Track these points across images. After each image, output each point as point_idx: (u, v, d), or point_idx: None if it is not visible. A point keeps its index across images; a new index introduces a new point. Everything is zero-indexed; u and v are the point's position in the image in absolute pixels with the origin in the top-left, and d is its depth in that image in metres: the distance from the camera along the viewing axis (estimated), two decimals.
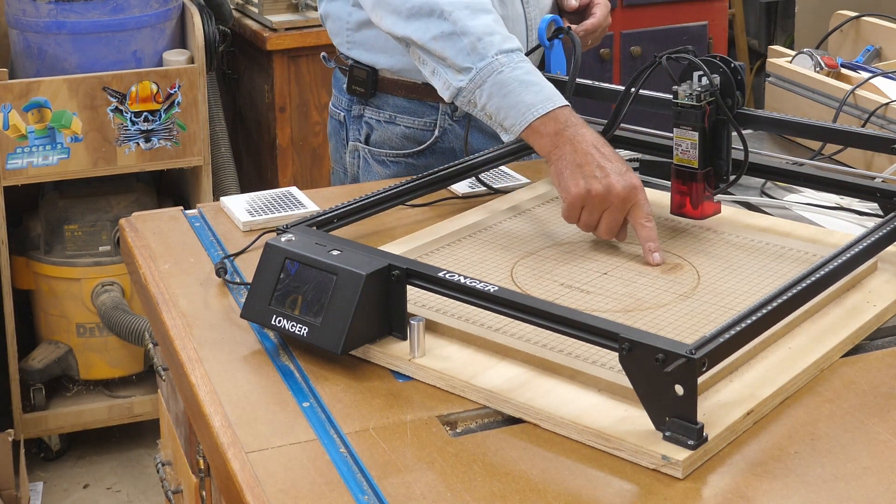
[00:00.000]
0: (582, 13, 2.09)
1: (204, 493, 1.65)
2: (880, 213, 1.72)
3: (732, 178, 1.71)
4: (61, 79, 3.17)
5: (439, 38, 1.80)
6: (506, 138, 1.76)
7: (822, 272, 1.43)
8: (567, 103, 1.74)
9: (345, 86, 2.13)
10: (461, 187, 1.94)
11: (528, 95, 1.73)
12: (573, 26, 2.04)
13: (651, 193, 1.88)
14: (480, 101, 1.76)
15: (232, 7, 3.64)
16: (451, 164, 1.87)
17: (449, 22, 1.79)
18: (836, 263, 1.45)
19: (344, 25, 2.09)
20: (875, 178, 1.79)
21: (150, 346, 1.95)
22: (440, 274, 1.42)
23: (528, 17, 2.07)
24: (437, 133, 2.08)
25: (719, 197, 1.74)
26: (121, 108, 3.22)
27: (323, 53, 2.25)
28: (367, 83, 2.08)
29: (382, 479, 1.22)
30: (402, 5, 1.84)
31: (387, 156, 2.11)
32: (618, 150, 1.98)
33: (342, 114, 2.16)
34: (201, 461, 1.62)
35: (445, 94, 1.81)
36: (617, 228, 1.66)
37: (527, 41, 2.07)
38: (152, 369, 2.16)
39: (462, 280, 1.40)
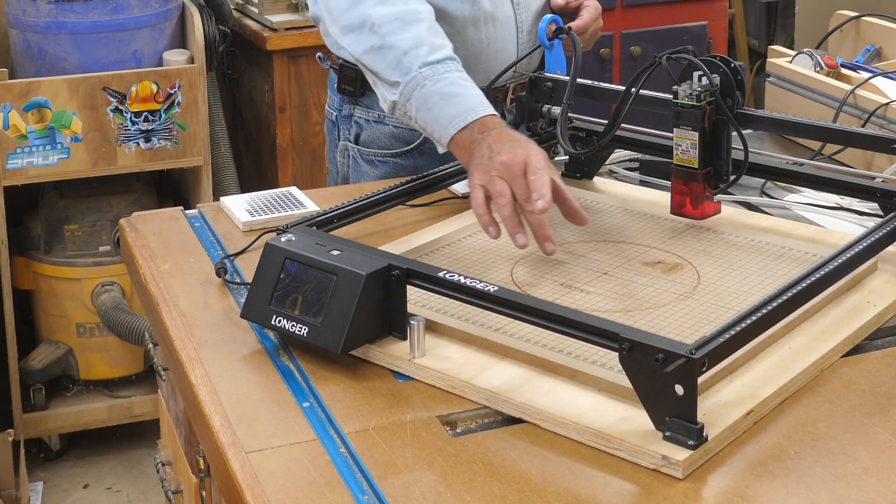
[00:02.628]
0: (573, 15, 2.09)
1: (204, 493, 1.65)
2: (880, 213, 1.72)
3: (732, 178, 1.71)
4: (61, 79, 3.17)
5: (370, 51, 1.83)
6: (440, 150, 1.78)
7: (822, 272, 1.43)
8: (491, 112, 1.72)
9: (336, 85, 2.13)
10: (461, 187, 1.94)
11: (450, 108, 1.74)
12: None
13: (651, 193, 1.89)
14: (412, 114, 1.79)
15: (232, 7, 3.64)
16: (452, 164, 1.87)
17: (378, 35, 1.82)
18: (836, 263, 1.45)
19: None
20: (875, 178, 1.79)
21: (150, 346, 1.95)
22: (440, 274, 1.42)
23: (519, 18, 2.07)
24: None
25: (719, 197, 1.74)
26: (121, 108, 3.22)
27: (319, 53, 2.25)
28: (356, 82, 2.09)
29: (382, 479, 1.22)
30: (341, 17, 1.89)
31: (375, 155, 2.11)
32: (617, 150, 1.99)
33: (334, 113, 2.17)
34: (201, 461, 1.62)
35: (384, 107, 1.84)
36: (528, 189, 1.56)
37: (517, 43, 2.07)
38: (152, 369, 2.16)
39: (462, 280, 1.40)
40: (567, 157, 1.97)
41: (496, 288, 1.38)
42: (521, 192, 1.58)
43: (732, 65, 1.67)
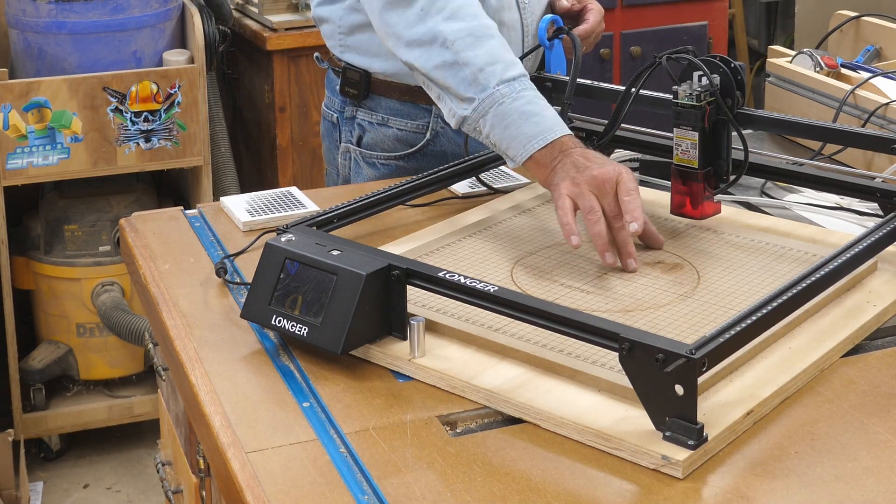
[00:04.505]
0: (576, 18, 2.09)
1: (204, 493, 1.65)
2: (880, 213, 1.72)
3: (732, 178, 1.71)
4: (61, 79, 3.17)
5: (441, 67, 1.80)
6: (511, 166, 1.76)
7: (822, 272, 1.43)
8: (568, 132, 1.73)
9: (338, 87, 2.12)
10: (461, 187, 1.94)
11: (529, 127, 1.72)
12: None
13: (651, 193, 1.89)
14: (485, 130, 1.77)
15: (232, 7, 3.64)
16: (452, 164, 1.87)
17: (451, 51, 1.79)
18: (836, 263, 1.45)
19: (337, 29, 2.09)
20: (875, 178, 1.79)
21: (150, 346, 1.95)
22: (440, 274, 1.42)
23: (525, 23, 2.07)
24: (428, 136, 2.08)
25: (719, 197, 1.74)
26: (121, 108, 3.22)
27: (316, 54, 2.25)
28: (361, 85, 2.08)
29: (382, 479, 1.22)
30: (405, 31, 1.84)
31: (378, 158, 2.10)
32: (617, 150, 1.99)
33: (335, 115, 2.16)
34: (201, 461, 1.62)
35: (451, 121, 1.81)
36: (618, 207, 1.61)
37: (522, 47, 2.07)
38: (152, 369, 2.16)
39: (462, 280, 1.40)
40: None
41: (496, 288, 1.38)
42: (610, 209, 1.61)
43: (732, 65, 1.67)
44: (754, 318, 1.31)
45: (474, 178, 1.93)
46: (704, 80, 1.66)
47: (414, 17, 1.83)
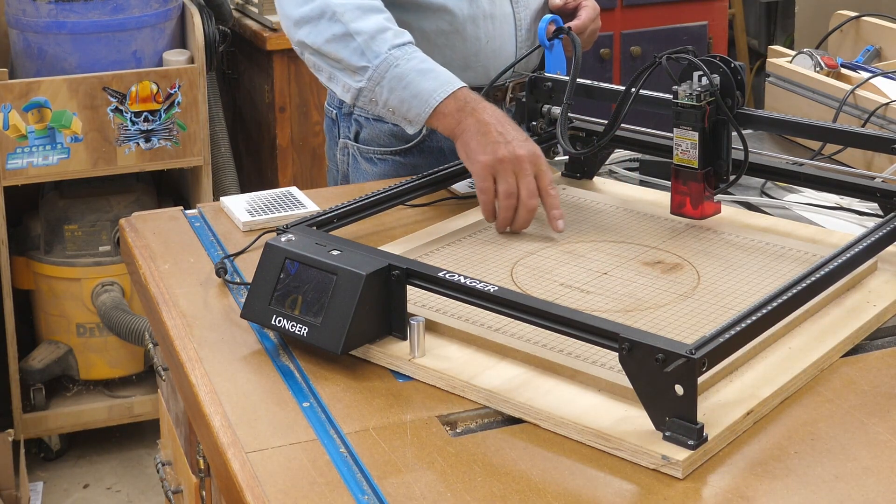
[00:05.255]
0: (572, 15, 2.09)
1: (204, 493, 1.65)
2: (880, 213, 1.72)
3: (732, 178, 1.71)
4: (61, 79, 3.17)
5: (331, 40, 1.85)
6: (411, 130, 1.84)
7: (822, 272, 1.43)
8: (464, 84, 1.80)
9: None
10: (461, 187, 1.94)
11: (427, 82, 1.80)
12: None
13: (651, 193, 1.89)
14: (381, 97, 1.82)
15: (232, 7, 3.64)
16: (451, 163, 1.87)
17: (341, 24, 1.84)
18: (836, 263, 1.45)
19: None
20: (875, 178, 1.79)
21: (150, 346, 1.95)
22: (440, 274, 1.42)
23: (518, 16, 2.07)
24: (424, 131, 2.08)
25: (719, 197, 1.74)
26: (121, 108, 3.22)
27: None
28: None
29: (382, 479, 1.22)
30: (294, 11, 1.89)
31: (375, 153, 2.11)
32: (617, 150, 2.00)
33: (334, 111, 2.17)
34: (201, 461, 1.62)
35: (346, 97, 1.87)
36: (535, 191, 1.72)
37: (515, 40, 2.07)
38: (152, 369, 2.16)
39: (462, 280, 1.40)
40: (567, 157, 1.97)
41: (496, 288, 1.38)
42: (528, 191, 1.72)
43: (732, 65, 1.67)
44: (754, 318, 1.31)
45: None
46: (704, 80, 1.66)
47: None
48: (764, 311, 1.33)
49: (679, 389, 1.22)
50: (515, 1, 2.07)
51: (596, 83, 1.95)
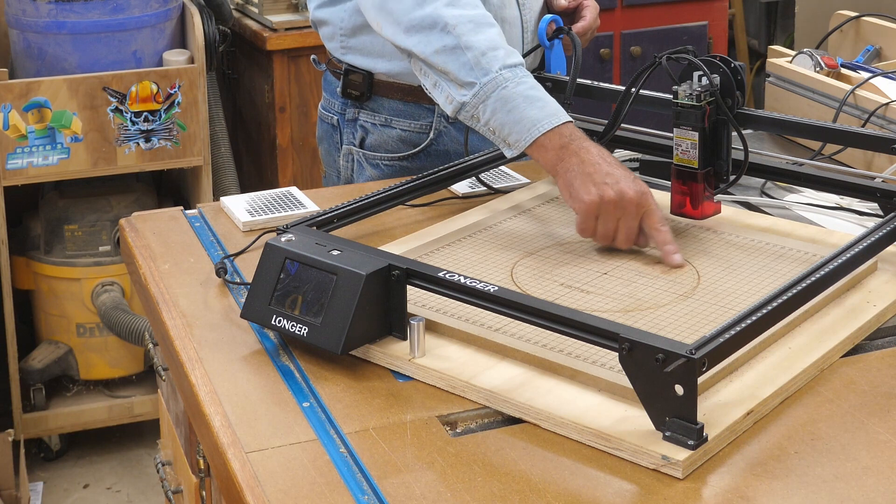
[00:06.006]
0: (571, 16, 2.09)
1: (204, 493, 1.65)
2: (880, 213, 1.71)
3: (732, 178, 1.71)
4: (61, 79, 3.17)
5: (442, 51, 1.78)
6: (509, 154, 1.75)
7: (822, 272, 1.43)
8: (570, 119, 1.73)
9: (338, 89, 2.11)
10: (461, 187, 1.94)
11: (533, 111, 1.72)
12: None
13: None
14: (484, 116, 1.75)
15: (232, 7, 3.64)
16: (452, 164, 1.87)
17: (452, 36, 1.78)
18: (836, 263, 1.45)
19: (338, 31, 2.08)
20: (875, 178, 1.79)
21: (150, 346, 1.95)
22: (440, 274, 1.42)
23: (524, 20, 2.07)
24: (432, 135, 2.08)
25: (719, 197, 1.74)
26: (121, 108, 3.22)
27: (313, 56, 2.24)
28: (363, 87, 2.07)
29: (382, 479, 1.22)
30: (404, 17, 1.83)
31: (381, 159, 2.10)
32: (617, 150, 1.99)
33: (335, 117, 2.15)
34: (201, 461, 1.62)
35: (448, 108, 1.79)
36: (634, 235, 1.65)
37: (522, 44, 2.07)
38: (152, 369, 2.16)
39: (462, 280, 1.40)
40: None
41: (496, 288, 1.38)
42: (628, 233, 1.65)
43: (732, 65, 1.67)
44: (754, 318, 1.31)
45: (474, 178, 1.93)
46: (704, 80, 1.66)
47: (413, 3, 1.82)
48: (764, 311, 1.33)
49: (679, 389, 1.22)
50: (522, 3, 2.06)
51: (596, 83, 1.95)
